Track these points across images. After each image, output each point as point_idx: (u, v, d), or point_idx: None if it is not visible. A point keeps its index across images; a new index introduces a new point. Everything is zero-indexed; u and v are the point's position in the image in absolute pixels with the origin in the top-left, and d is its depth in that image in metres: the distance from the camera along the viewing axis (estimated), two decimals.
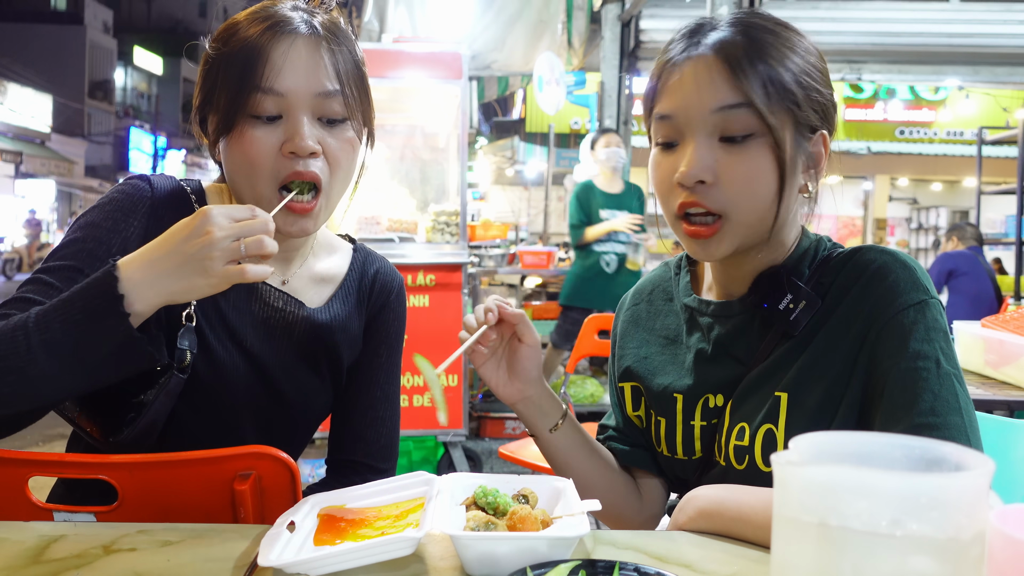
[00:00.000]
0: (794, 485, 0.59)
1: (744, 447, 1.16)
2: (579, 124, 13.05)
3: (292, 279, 1.36)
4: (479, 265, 5.59)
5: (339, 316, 1.38)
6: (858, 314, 1.10)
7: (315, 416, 1.41)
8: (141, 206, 1.24)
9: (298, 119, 1.19)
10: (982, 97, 14.21)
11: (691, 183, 1.10)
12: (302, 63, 1.20)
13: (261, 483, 1.14)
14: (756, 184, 1.10)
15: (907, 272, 1.09)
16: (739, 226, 1.12)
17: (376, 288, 1.44)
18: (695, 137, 1.11)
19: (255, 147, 1.19)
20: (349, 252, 1.45)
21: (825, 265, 1.17)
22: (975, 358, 2.52)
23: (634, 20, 7.29)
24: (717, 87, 1.09)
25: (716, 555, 0.99)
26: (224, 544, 0.99)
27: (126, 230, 1.21)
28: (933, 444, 0.63)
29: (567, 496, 1.04)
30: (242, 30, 1.21)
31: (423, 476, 1.10)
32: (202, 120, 1.28)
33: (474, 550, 0.90)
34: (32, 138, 26.02)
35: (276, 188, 1.21)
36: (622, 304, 1.42)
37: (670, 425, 1.26)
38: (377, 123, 1.34)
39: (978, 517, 0.56)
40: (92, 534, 1.01)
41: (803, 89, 1.11)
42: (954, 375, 1.05)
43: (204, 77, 1.25)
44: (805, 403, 1.12)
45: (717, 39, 1.11)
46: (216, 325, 1.27)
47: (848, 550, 0.56)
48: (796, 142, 1.12)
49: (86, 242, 1.19)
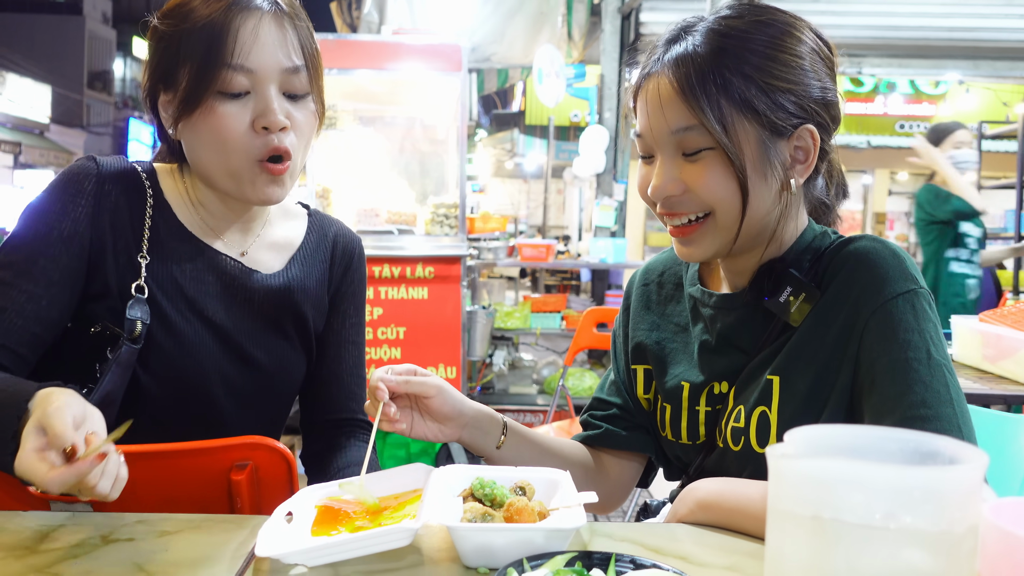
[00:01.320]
0: (788, 478, 0.59)
1: (740, 428, 1.17)
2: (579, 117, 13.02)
3: (251, 249, 1.38)
4: (478, 257, 5.59)
5: (297, 278, 1.40)
6: (847, 301, 1.11)
7: (291, 383, 1.43)
8: (87, 184, 1.25)
9: (268, 94, 1.22)
10: (982, 91, 14.17)
11: (660, 198, 1.15)
12: (271, 39, 1.22)
13: (258, 473, 1.15)
14: (721, 191, 1.12)
15: (897, 261, 1.10)
16: (721, 226, 1.14)
17: (338, 251, 1.48)
18: (661, 154, 1.15)
19: (226, 123, 1.20)
20: (305, 217, 1.49)
21: (822, 256, 1.17)
22: (973, 352, 2.53)
23: (634, 13, 7.27)
24: (671, 110, 1.12)
25: (712, 548, 0.99)
26: (222, 534, 1.00)
27: (74, 211, 1.23)
28: (927, 437, 0.64)
29: (564, 488, 1.05)
30: (200, 7, 1.22)
31: (421, 467, 1.10)
32: (153, 100, 1.29)
33: (471, 541, 0.91)
34: (31, 128, 25.96)
35: (251, 162, 1.23)
36: (633, 281, 1.43)
37: (675, 411, 1.27)
38: (376, 115, 1.38)
39: (971, 510, 0.57)
40: (90, 524, 1.02)
41: (768, 93, 1.10)
42: (944, 366, 1.05)
43: (159, 55, 1.25)
44: (796, 386, 1.12)
45: (676, 55, 1.13)
46: (174, 296, 1.28)
47: (842, 542, 0.56)
48: (763, 148, 1.11)
49: (38, 230, 1.22)
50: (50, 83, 27.26)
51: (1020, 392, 2.23)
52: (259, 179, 1.24)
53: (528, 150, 15.46)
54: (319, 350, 1.46)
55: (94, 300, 1.24)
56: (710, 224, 1.14)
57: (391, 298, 4.30)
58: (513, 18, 7.09)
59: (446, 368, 4.35)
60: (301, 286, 1.40)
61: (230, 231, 1.35)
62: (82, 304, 1.25)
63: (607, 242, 6.15)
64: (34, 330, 1.19)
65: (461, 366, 4.38)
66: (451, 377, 4.36)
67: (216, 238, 1.34)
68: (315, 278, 1.43)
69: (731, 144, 1.09)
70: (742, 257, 1.21)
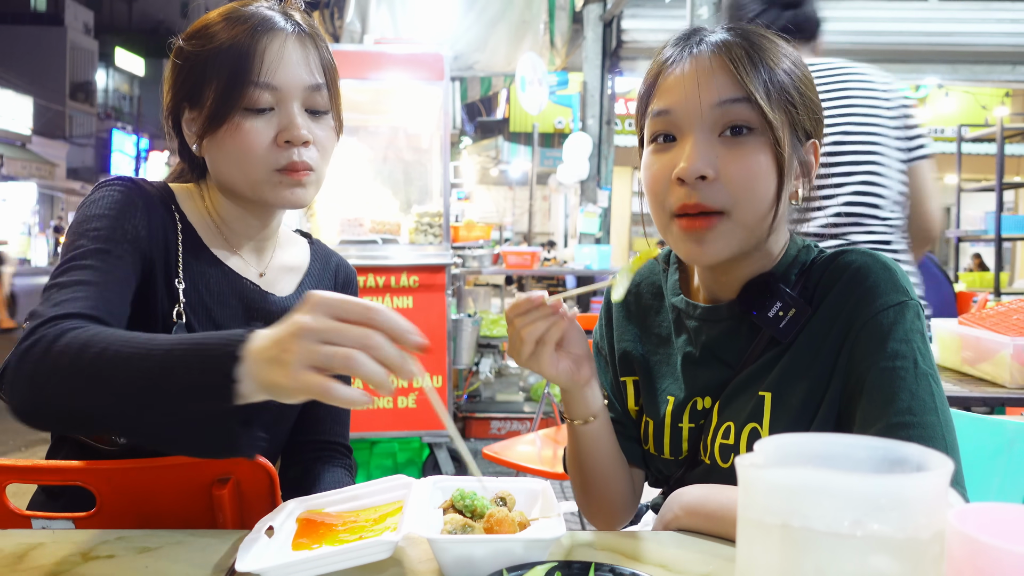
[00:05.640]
0: (758, 487, 0.60)
1: (730, 445, 1.17)
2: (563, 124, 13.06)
3: (267, 271, 1.41)
4: (463, 266, 5.60)
5: None
6: (839, 315, 1.12)
7: (296, 406, 1.43)
8: (139, 201, 1.24)
9: (291, 110, 1.25)
10: (962, 95, 14.32)
11: (693, 178, 1.09)
12: (295, 59, 1.26)
13: (240, 488, 1.15)
14: (756, 181, 1.09)
15: (887, 274, 1.11)
16: (739, 226, 1.11)
17: (340, 279, 1.53)
18: (694, 132, 1.10)
19: (251, 137, 1.24)
20: (307, 245, 1.53)
21: (810, 271, 1.18)
22: (952, 355, 2.55)
23: (616, 20, 7.32)
24: (719, 82, 1.10)
25: (692, 555, 1.00)
26: (203, 550, 1.00)
27: (133, 218, 1.22)
28: (896, 445, 0.65)
29: (545, 498, 1.05)
30: (225, 29, 1.25)
31: (402, 480, 1.11)
32: (176, 118, 1.31)
33: (451, 553, 0.91)
34: (13, 140, 25.82)
35: (270, 171, 1.25)
36: (611, 291, 1.41)
37: (658, 426, 1.26)
38: (359, 124, 1.40)
39: (937, 516, 0.58)
40: (70, 541, 1.02)
41: (799, 94, 1.13)
42: (931, 375, 1.07)
43: (183, 75, 1.28)
44: (788, 402, 1.13)
45: (717, 40, 1.13)
46: (204, 321, 1.29)
47: (811, 550, 0.57)
48: (792, 144, 1.13)
49: (101, 228, 1.18)
50: (32, 94, 27.13)
51: (998, 394, 2.26)
52: (280, 184, 1.26)
53: (513, 157, 15.49)
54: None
55: (130, 322, 1.18)
56: (726, 223, 1.10)
57: None
58: (496, 26, 7.12)
59: (432, 377, 4.35)
60: None
61: (247, 249, 1.37)
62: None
63: (592, 249, 6.17)
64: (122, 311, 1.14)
65: (447, 375, 4.38)
66: (437, 386, 4.35)
67: (234, 255, 1.36)
68: None
69: (775, 123, 1.09)
70: (731, 268, 1.19)
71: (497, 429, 5.43)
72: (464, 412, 5.49)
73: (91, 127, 32.86)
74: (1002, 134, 7.61)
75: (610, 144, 7.56)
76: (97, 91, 34.15)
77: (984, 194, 8.54)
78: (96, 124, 33.21)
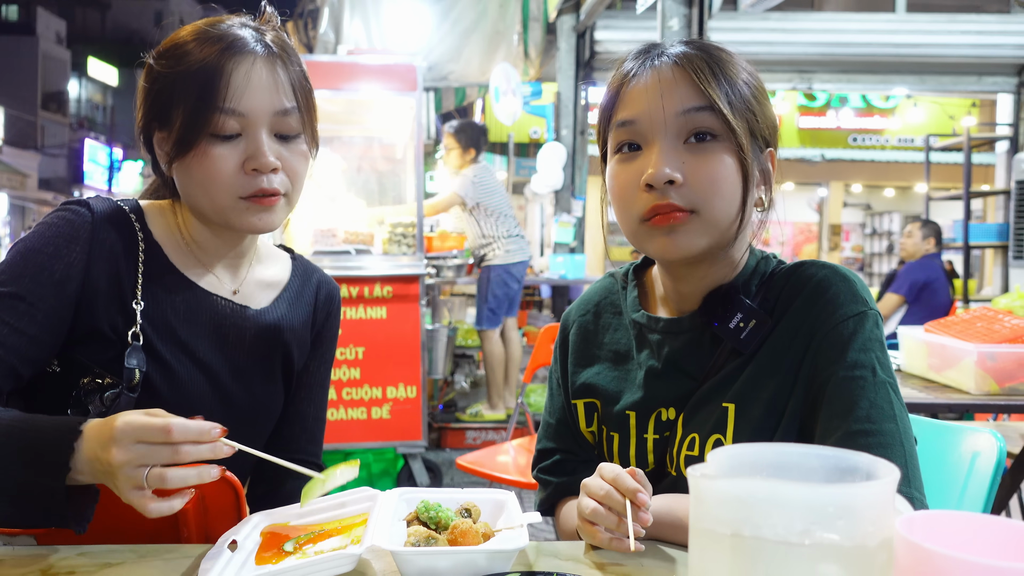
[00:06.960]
0: (709, 498, 0.61)
1: (695, 457, 1.18)
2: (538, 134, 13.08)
3: (242, 287, 1.38)
4: (437, 276, 5.59)
5: (286, 316, 1.41)
6: (800, 327, 1.14)
7: (271, 421, 1.42)
8: (83, 231, 1.23)
9: (258, 137, 1.22)
10: (930, 105, 14.53)
11: (661, 183, 1.10)
12: (262, 84, 1.23)
13: (204, 502, 1.14)
14: (722, 183, 1.12)
15: (847, 285, 1.13)
16: (709, 224, 1.12)
17: (322, 295, 1.49)
18: (660, 140, 1.12)
19: (218, 164, 1.21)
20: (288, 260, 1.50)
21: (770, 282, 1.20)
22: (918, 362, 2.58)
23: (589, 31, 7.37)
24: (682, 91, 1.12)
25: (657, 563, 1.01)
26: (166, 565, 0.99)
27: (68, 256, 1.20)
28: (847, 454, 0.66)
29: (509, 509, 1.06)
30: (195, 50, 1.22)
31: (367, 492, 1.11)
32: (147, 137, 1.29)
33: (414, 565, 0.92)
34: None
35: (236, 199, 1.23)
36: (568, 317, 1.40)
37: (623, 440, 1.27)
38: (333, 135, 1.39)
39: (884, 524, 0.59)
40: (31, 557, 1.01)
41: (758, 103, 1.16)
42: (889, 384, 1.09)
43: (153, 95, 1.26)
44: (751, 413, 1.14)
45: (677, 52, 1.15)
46: (167, 340, 1.27)
47: (761, 559, 0.58)
48: (753, 151, 1.15)
49: (27, 268, 1.18)
50: (3, 104, 26.81)
51: (964, 400, 2.29)
52: (247, 210, 1.24)
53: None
54: (292, 389, 1.46)
55: (81, 344, 1.22)
56: (696, 221, 1.12)
57: (349, 318, 4.28)
58: (470, 37, 7.14)
59: (406, 387, 4.34)
60: (289, 324, 1.41)
61: (220, 267, 1.35)
62: (70, 349, 1.22)
63: (566, 258, 6.19)
64: (13, 362, 1.16)
65: (421, 385, 4.37)
66: (411, 396, 4.34)
67: (207, 273, 1.34)
68: (300, 319, 1.43)
69: (737, 129, 1.11)
70: (694, 276, 1.20)
71: (472, 439, 5.42)
72: (439, 422, 5.48)
73: (63, 137, 32.51)
74: (969, 144, 7.74)
75: (584, 154, 7.60)
76: (70, 101, 33.81)
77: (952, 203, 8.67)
78: (69, 134, 32.86)
